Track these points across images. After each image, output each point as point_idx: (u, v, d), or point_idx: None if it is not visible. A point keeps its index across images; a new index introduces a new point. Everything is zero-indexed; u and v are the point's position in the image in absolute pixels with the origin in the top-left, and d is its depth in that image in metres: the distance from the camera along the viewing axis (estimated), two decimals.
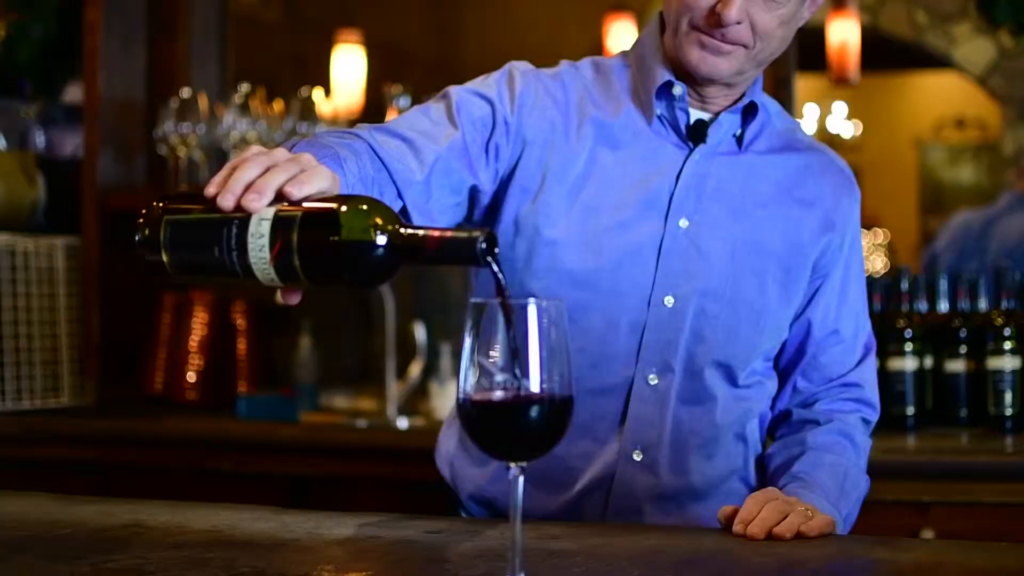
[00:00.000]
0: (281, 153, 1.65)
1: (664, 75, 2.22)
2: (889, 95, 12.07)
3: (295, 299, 1.66)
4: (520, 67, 2.28)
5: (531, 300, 1.43)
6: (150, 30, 4.59)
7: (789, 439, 2.30)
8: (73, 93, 4.74)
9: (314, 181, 1.60)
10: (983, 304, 3.52)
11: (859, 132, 11.79)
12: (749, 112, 2.27)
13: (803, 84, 6.00)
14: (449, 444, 2.42)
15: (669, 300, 2.18)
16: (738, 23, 2.12)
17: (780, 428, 2.36)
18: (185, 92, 4.29)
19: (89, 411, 4.18)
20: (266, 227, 1.54)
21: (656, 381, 2.19)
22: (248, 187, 1.57)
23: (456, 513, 2.38)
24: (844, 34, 6.16)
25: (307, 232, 1.53)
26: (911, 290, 3.53)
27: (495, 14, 7.70)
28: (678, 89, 2.22)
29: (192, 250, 1.61)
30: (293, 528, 1.95)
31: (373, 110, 5.14)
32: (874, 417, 2.37)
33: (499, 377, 1.43)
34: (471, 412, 1.46)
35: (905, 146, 12.29)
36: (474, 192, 2.19)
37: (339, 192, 1.65)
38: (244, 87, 4.27)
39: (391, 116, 4.12)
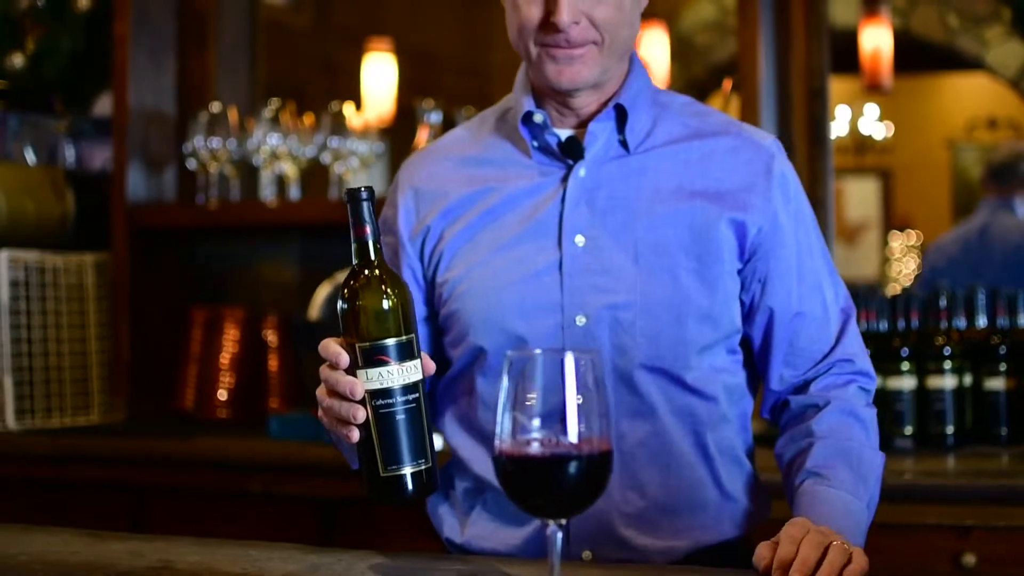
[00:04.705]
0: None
1: (526, 105, 2.25)
2: (921, 96, 11.98)
3: None
4: (400, 173, 2.38)
5: (568, 352, 1.40)
6: (179, 42, 4.56)
7: (795, 431, 2.25)
8: (102, 106, 4.72)
9: None
10: (1023, 320, 3.47)
11: (891, 134, 11.71)
12: (624, 113, 2.25)
13: (835, 86, 5.89)
14: None
15: (581, 319, 2.17)
16: (576, 23, 2.13)
17: (782, 418, 2.31)
18: (215, 106, 4.27)
19: (119, 429, 4.15)
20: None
21: None
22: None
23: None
24: (877, 40, 6.14)
25: None
26: (949, 307, 3.48)
27: None
28: (538, 116, 2.24)
29: None
30: (323, 569, 1.92)
31: (404, 117, 5.11)
32: (871, 385, 2.30)
33: (536, 432, 1.39)
34: (507, 467, 1.42)
35: (937, 147, 12.20)
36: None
37: None
38: (274, 101, 4.25)
39: (422, 133, 4.08)
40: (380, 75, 5.91)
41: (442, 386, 2.33)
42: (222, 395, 4.25)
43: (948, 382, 3.41)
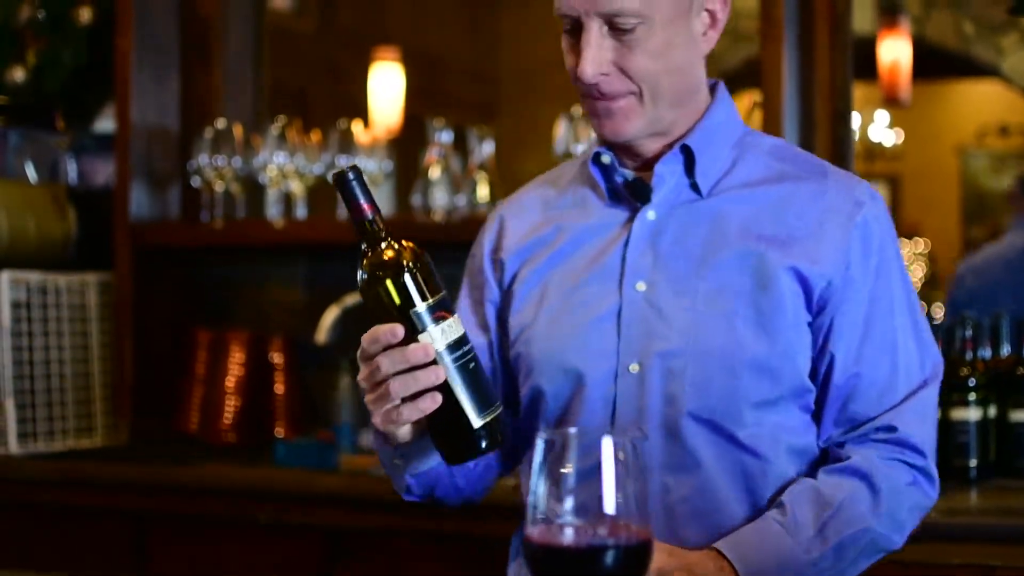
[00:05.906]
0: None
1: (595, 146, 2.18)
2: (931, 103, 11.91)
3: None
4: (497, 209, 2.35)
5: (607, 434, 1.31)
6: (183, 56, 4.48)
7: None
8: (105, 121, 4.64)
9: None
10: None
11: (901, 140, 11.63)
12: (692, 155, 2.14)
13: None
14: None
15: (634, 367, 2.08)
16: (605, 75, 2.04)
17: None
18: (220, 123, 4.19)
19: (122, 453, 4.08)
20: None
21: None
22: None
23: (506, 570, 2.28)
24: (896, 52, 6.08)
25: None
26: (974, 336, 3.40)
27: (532, 22, 7.60)
28: (606, 158, 2.16)
29: None
30: None
31: (412, 124, 5.03)
32: (919, 461, 2.10)
33: (569, 517, 1.31)
34: (537, 554, 1.33)
35: (947, 153, 12.14)
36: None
37: None
38: (281, 118, 4.16)
39: (432, 151, 4.00)
40: (387, 85, 5.84)
41: (512, 431, 2.23)
42: (227, 419, 4.16)
43: (972, 414, 3.32)
